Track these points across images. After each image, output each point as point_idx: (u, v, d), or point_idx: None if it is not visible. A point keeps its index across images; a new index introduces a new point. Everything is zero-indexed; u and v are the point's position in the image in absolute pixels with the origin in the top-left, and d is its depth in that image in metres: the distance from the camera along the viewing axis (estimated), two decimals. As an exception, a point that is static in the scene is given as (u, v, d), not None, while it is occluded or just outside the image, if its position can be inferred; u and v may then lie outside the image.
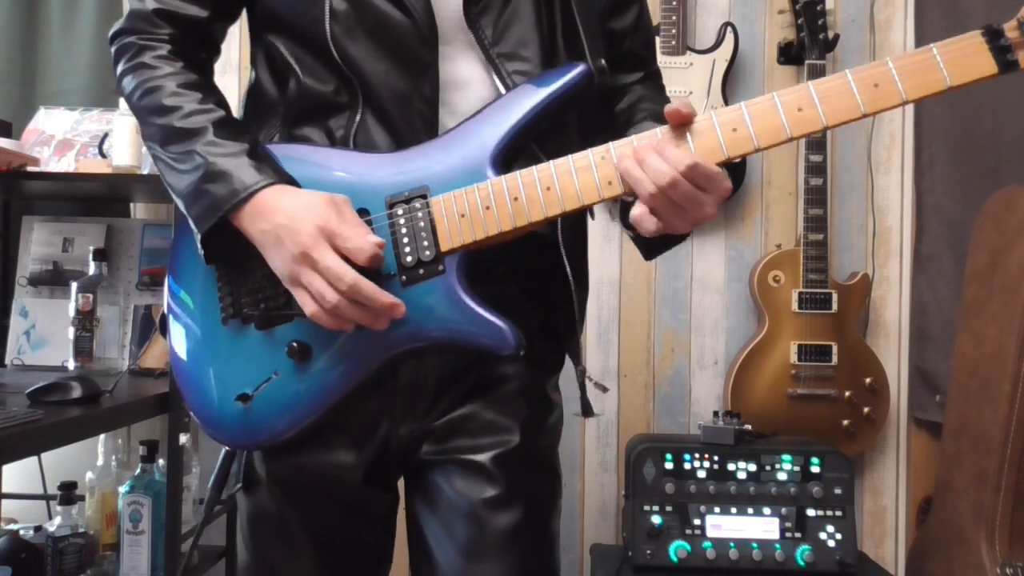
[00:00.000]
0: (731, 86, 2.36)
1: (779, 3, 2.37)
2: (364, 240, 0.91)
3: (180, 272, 1.08)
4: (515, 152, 0.97)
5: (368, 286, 0.90)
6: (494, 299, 0.96)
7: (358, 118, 1.01)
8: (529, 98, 0.96)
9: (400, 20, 1.00)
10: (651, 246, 1.09)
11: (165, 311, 1.09)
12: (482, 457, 1.05)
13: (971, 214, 2.03)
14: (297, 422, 1.00)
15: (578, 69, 0.96)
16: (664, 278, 2.46)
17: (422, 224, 0.95)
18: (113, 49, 1.09)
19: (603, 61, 1.05)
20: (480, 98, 1.02)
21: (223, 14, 1.11)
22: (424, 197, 0.96)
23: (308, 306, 0.92)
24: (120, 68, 1.07)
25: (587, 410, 1.16)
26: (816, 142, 2.21)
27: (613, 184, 0.94)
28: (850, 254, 2.43)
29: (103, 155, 2.17)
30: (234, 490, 1.09)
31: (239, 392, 1.00)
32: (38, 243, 2.24)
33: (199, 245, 0.99)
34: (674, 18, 2.30)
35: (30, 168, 2.07)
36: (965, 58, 0.89)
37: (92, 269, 1.94)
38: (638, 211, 0.93)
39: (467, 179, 0.95)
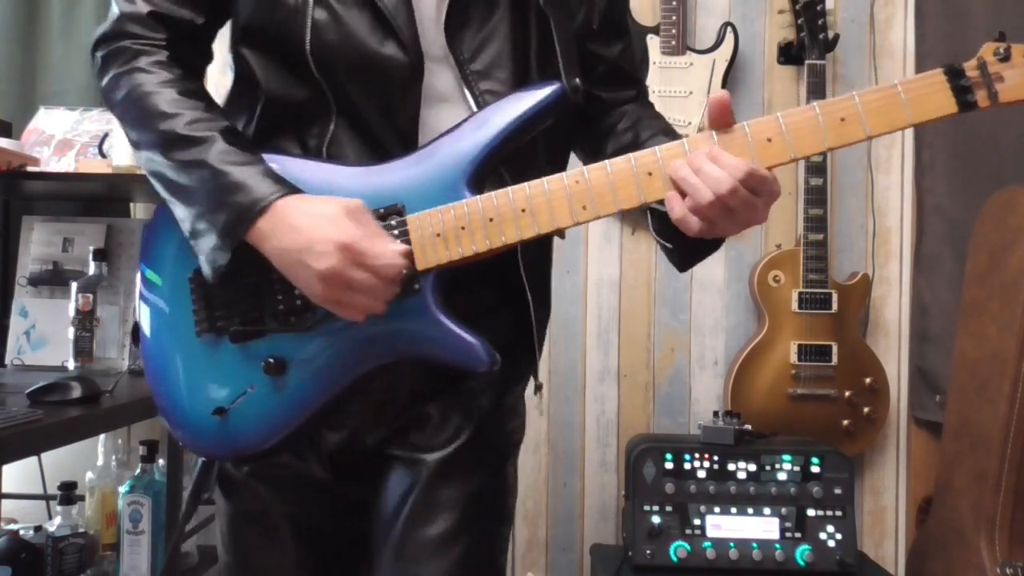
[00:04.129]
0: (731, 86, 2.36)
1: (779, 3, 2.37)
2: (392, 256, 0.91)
3: (152, 284, 1.06)
4: (489, 170, 0.97)
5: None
6: (469, 306, 0.97)
7: (331, 129, 1.00)
8: (504, 116, 0.95)
9: (385, 39, 0.99)
10: (687, 256, 1.08)
11: (137, 320, 1.08)
12: (430, 457, 1.05)
13: (971, 214, 2.03)
14: (273, 434, 1.00)
15: (552, 87, 0.96)
16: (664, 278, 2.46)
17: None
18: (101, 55, 1.04)
19: (577, 80, 1.05)
20: (453, 115, 1.01)
21: (215, 18, 1.09)
22: (400, 214, 0.96)
23: (355, 316, 0.93)
24: (112, 73, 1.03)
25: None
26: (816, 142, 2.21)
27: (587, 208, 0.94)
28: (850, 254, 2.43)
29: (103, 155, 2.17)
30: (205, 496, 1.09)
31: (215, 406, 1.00)
32: (38, 243, 2.23)
33: (216, 262, 0.95)
34: (674, 18, 2.30)
35: (30, 168, 2.07)
36: (927, 96, 0.91)
37: (92, 269, 1.94)
38: (680, 213, 0.93)
39: (443, 197, 0.95)
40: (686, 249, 1.05)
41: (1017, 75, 0.90)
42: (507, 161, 0.99)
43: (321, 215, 0.91)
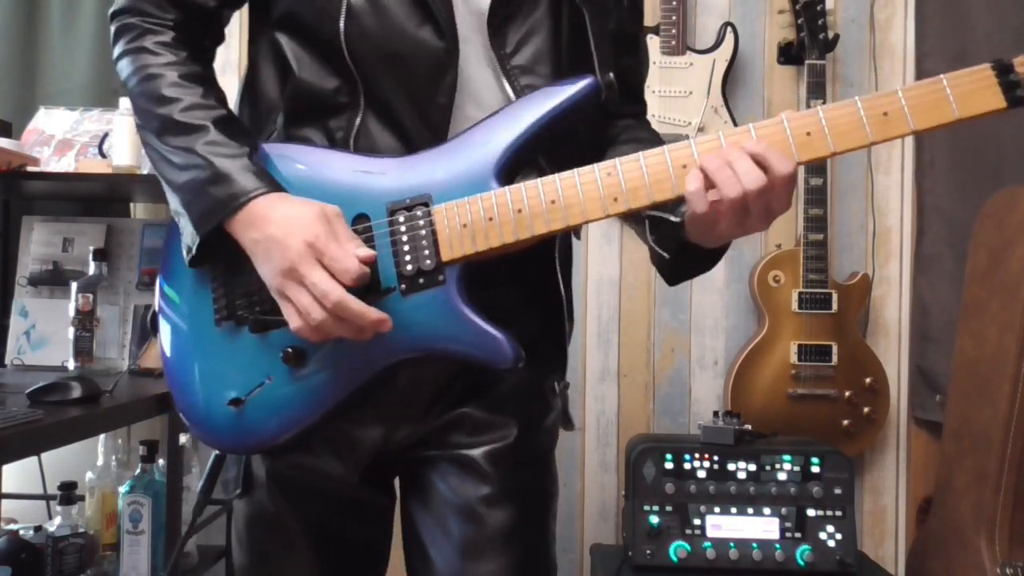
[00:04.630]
0: (731, 86, 2.36)
1: (779, 3, 2.37)
2: (351, 260, 0.89)
3: (173, 271, 1.06)
4: (520, 163, 0.96)
5: (355, 304, 0.89)
6: (495, 304, 0.95)
7: (359, 120, 1.00)
8: (535, 109, 0.95)
9: (422, 23, 0.99)
10: (682, 269, 1.05)
11: (156, 309, 1.07)
12: (476, 452, 1.05)
13: (971, 214, 2.03)
14: (289, 428, 0.99)
15: (586, 82, 0.95)
16: (664, 278, 2.45)
17: (423, 233, 0.94)
18: (114, 27, 1.06)
19: (611, 76, 1.05)
20: (488, 107, 1.00)
21: (231, 2, 1.08)
22: (426, 205, 0.95)
23: (293, 320, 0.91)
24: (120, 48, 1.04)
25: (567, 422, 1.17)
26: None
27: (619, 201, 0.92)
28: (850, 254, 2.43)
29: (103, 155, 2.17)
30: (233, 495, 1.08)
31: (231, 396, 0.99)
32: (38, 243, 2.24)
33: (191, 247, 0.97)
34: (674, 18, 2.30)
35: (30, 168, 2.07)
36: (974, 92, 0.89)
37: (92, 269, 1.94)
38: (702, 207, 0.90)
39: (471, 188, 0.94)
40: (683, 261, 1.03)
41: None
42: (550, 153, 0.99)
43: (295, 216, 0.91)
